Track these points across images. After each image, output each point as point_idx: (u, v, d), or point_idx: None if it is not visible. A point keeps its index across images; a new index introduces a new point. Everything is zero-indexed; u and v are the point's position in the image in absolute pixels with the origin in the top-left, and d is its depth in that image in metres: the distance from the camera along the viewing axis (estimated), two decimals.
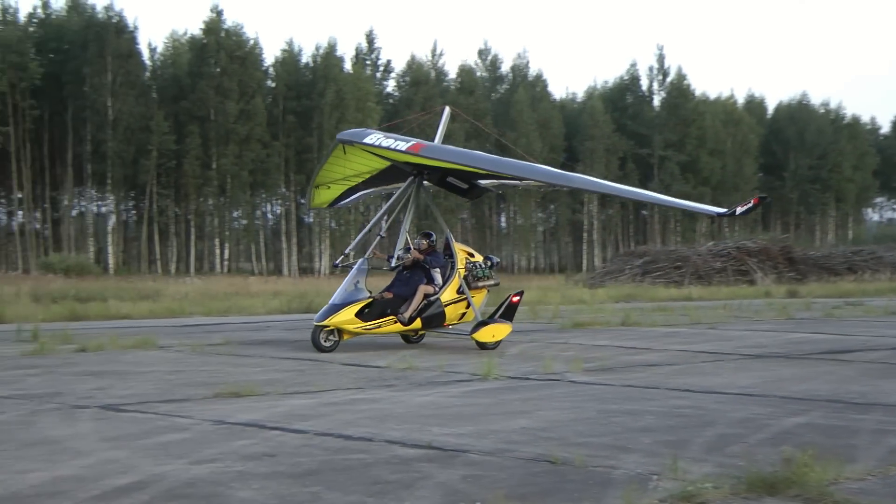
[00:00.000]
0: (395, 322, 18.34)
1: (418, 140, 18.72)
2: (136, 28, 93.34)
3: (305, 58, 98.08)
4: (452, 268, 18.97)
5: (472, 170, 18.56)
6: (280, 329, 23.77)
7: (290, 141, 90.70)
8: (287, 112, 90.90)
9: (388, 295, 18.58)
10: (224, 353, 17.66)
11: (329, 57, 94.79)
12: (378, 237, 19.77)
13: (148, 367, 15.69)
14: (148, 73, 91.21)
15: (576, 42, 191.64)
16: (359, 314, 18.03)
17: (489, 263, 19.32)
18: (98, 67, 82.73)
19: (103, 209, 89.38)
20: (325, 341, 17.92)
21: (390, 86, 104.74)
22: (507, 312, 18.90)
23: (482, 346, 18.42)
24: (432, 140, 20.09)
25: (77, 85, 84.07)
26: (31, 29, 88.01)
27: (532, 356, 17.57)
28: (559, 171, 19.73)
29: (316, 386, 13.41)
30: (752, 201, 16.94)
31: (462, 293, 18.87)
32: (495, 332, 18.54)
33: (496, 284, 19.65)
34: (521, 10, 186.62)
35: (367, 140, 18.77)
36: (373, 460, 8.49)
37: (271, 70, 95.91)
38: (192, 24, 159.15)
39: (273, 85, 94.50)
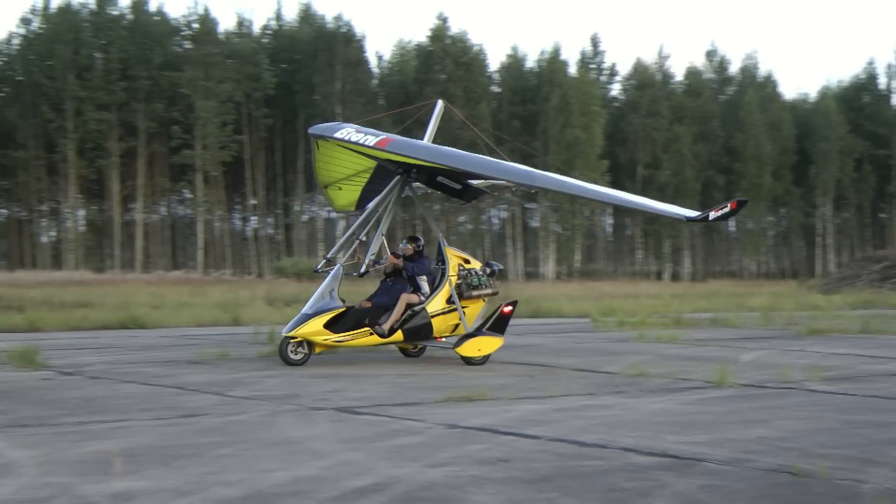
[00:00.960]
0: (371, 334, 16.77)
1: (388, 134, 17.73)
2: (364, 37, 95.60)
3: (530, 63, 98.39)
4: (443, 275, 17.43)
5: (438, 167, 17.38)
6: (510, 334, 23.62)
7: (514, 146, 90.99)
8: (512, 117, 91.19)
9: (367, 304, 17.21)
10: (453, 358, 17.72)
11: (554, 61, 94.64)
12: (357, 241, 17.85)
13: (379, 371, 15.96)
14: (375, 81, 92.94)
15: (808, 41, 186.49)
16: (330, 325, 16.57)
17: (488, 271, 17.75)
18: (328, 76, 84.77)
19: (332, 214, 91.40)
20: (294, 354, 16.55)
21: (615, 89, 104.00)
22: (498, 324, 17.26)
23: (467, 361, 16.89)
24: (423, 136, 19.20)
25: (307, 94, 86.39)
26: (264, 40, 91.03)
27: (767, 364, 17.07)
28: (525, 169, 17.51)
29: (546, 391, 13.36)
30: (729, 205, 15.28)
31: (453, 303, 17.29)
32: (482, 345, 16.94)
33: (494, 294, 17.82)
34: (750, 9, 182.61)
35: (336, 135, 17.77)
36: (608, 467, 8.36)
37: (496, 76, 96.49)
38: (419, 32, 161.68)
39: (498, 90, 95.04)
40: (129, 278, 61.82)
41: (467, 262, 17.73)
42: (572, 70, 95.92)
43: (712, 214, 15.25)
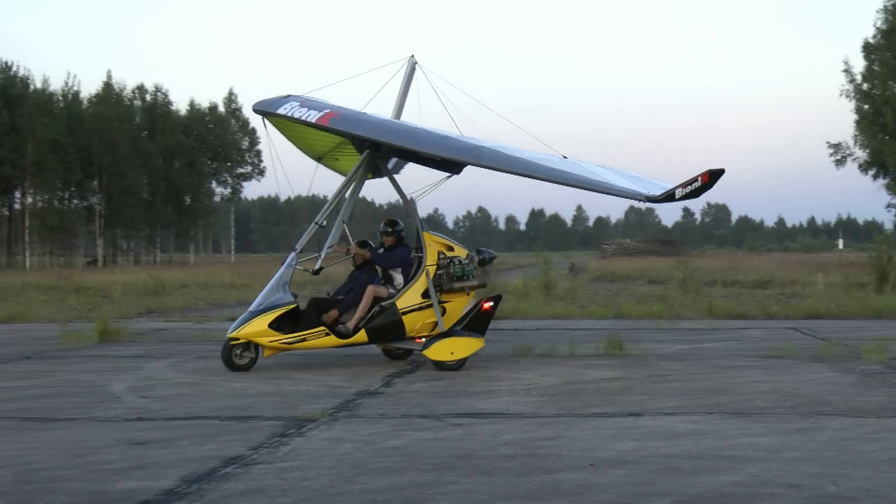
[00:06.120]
0: (328, 334, 14.73)
1: (333, 108, 15.48)
2: None
3: None
4: (420, 265, 15.24)
5: (384, 143, 15.25)
6: None
7: None
8: None
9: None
10: None
11: None
12: (316, 226, 15.46)
13: None
14: None
15: None
16: (277, 325, 14.56)
17: (479, 258, 15.39)
18: None
19: None
20: (239, 358, 14.56)
21: None
22: (477, 323, 15.10)
23: (438, 366, 14.60)
24: (395, 101, 16.89)
25: None
26: None
27: None
28: (473, 145, 14.52)
29: None
30: (700, 179, 12.22)
31: (428, 297, 15.10)
32: (455, 347, 14.68)
33: (481, 286, 15.52)
34: None
35: (279, 110, 15.73)
36: None
37: None
38: None
39: None
40: None
41: (451, 249, 15.48)
42: None
43: (679, 191, 12.49)
